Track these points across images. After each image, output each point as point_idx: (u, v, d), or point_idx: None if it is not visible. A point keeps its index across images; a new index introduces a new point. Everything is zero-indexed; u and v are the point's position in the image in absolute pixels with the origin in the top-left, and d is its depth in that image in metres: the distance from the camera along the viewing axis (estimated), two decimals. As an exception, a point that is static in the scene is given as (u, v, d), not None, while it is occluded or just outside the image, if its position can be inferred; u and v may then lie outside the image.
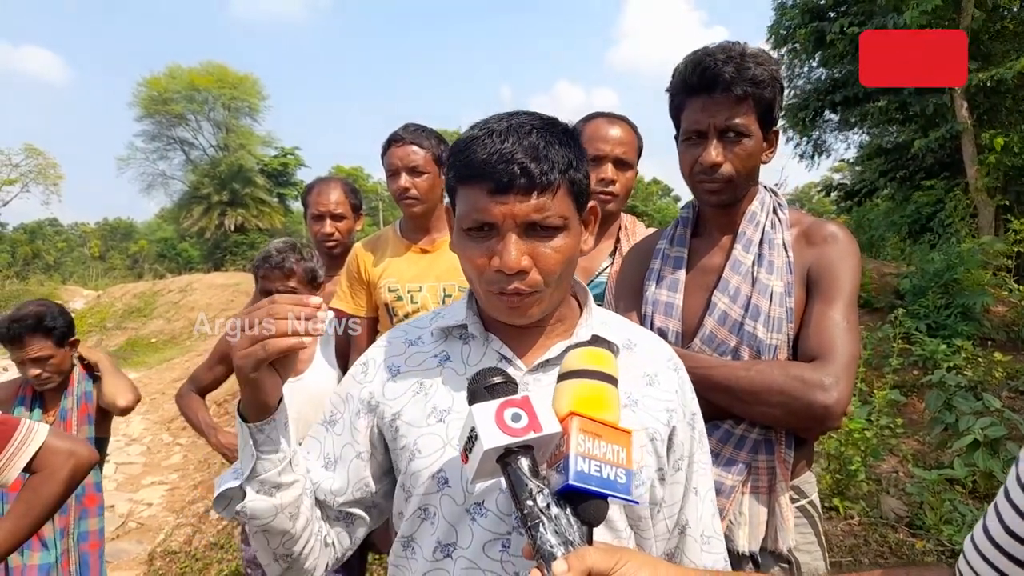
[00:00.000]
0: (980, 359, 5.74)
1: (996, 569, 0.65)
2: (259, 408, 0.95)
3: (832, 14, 12.77)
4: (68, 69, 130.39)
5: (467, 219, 0.99)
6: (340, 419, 1.14)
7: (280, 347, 0.88)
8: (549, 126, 1.00)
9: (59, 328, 2.45)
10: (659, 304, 1.60)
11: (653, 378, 1.11)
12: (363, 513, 1.14)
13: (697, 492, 1.15)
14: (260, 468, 0.96)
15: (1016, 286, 7.85)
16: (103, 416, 2.63)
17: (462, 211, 1.01)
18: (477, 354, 1.09)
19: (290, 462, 0.99)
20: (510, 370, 1.03)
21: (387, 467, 1.14)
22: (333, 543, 1.13)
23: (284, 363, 0.96)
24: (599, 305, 1.19)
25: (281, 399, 0.98)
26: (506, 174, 0.93)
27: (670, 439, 1.09)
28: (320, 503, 1.11)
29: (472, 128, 1.02)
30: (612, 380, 0.89)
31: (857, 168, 18.64)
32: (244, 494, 0.98)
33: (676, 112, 1.58)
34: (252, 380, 0.91)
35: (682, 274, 1.62)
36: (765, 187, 1.64)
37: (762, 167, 1.59)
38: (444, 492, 1.00)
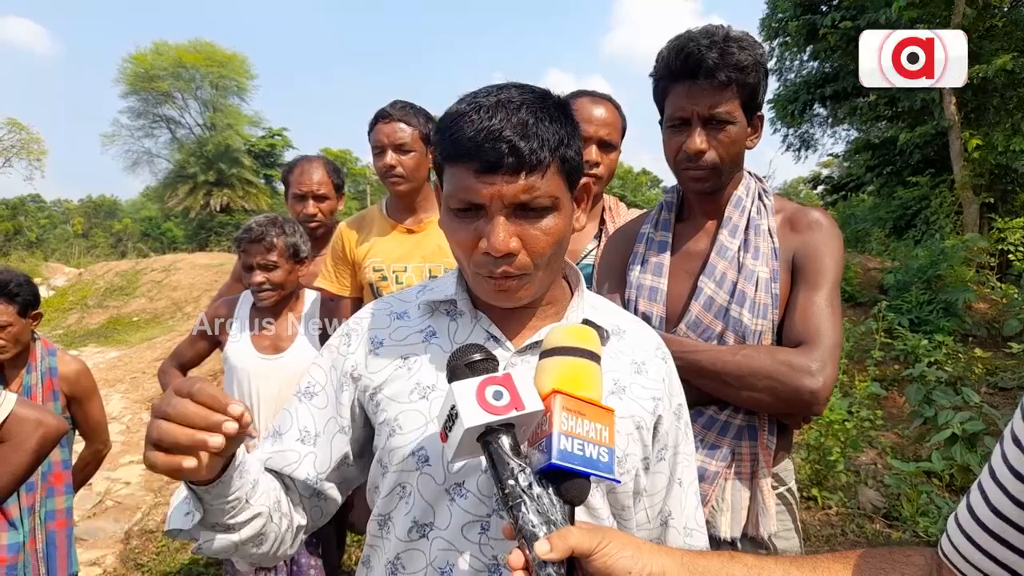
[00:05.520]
0: (960, 355, 5.81)
1: (981, 549, 0.65)
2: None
3: (824, 8, 12.79)
4: (54, 42, 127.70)
5: (454, 199, 0.95)
6: (321, 391, 1.09)
7: (173, 466, 0.74)
8: (539, 100, 0.93)
9: (23, 296, 2.33)
10: (643, 288, 1.59)
11: (641, 366, 1.09)
12: (336, 492, 1.10)
13: (681, 483, 1.13)
14: (211, 517, 0.90)
15: (998, 284, 7.96)
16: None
17: (449, 190, 0.96)
18: (465, 332, 1.05)
19: (247, 500, 0.91)
20: (498, 351, 1.00)
21: (364, 442, 1.10)
22: (304, 524, 1.08)
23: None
24: (588, 288, 1.17)
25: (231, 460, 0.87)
26: (493, 153, 0.88)
27: (655, 428, 1.07)
28: (294, 481, 1.06)
29: (460, 102, 0.96)
30: (595, 357, 0.87)
31: (845, 163, 18.74)
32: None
33: (660, 97, 1.56)
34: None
35: (667, 258, 1.61)
36: (750, 173, 1.64)
37: (748, 156, 1.58)
38: (423, 471, 0.97)
